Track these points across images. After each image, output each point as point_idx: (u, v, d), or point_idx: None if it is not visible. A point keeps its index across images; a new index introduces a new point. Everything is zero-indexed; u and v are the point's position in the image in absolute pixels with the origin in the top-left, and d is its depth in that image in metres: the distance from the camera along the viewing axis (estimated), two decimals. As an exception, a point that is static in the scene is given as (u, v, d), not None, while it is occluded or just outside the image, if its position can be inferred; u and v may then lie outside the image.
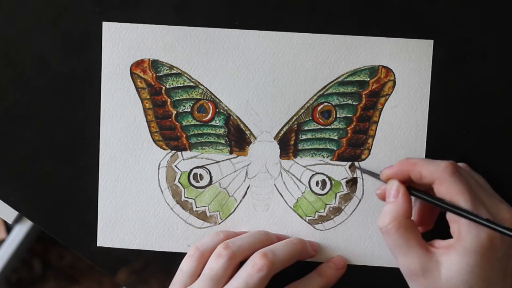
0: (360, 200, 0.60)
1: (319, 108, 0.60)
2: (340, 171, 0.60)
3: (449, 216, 0.51)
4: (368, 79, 0.59)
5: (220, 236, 0.58)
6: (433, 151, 0.59)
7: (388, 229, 0.52)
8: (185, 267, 0.57)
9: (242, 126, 0.60)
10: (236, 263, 0.56)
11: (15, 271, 1.24)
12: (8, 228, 1.10)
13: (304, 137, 0.60)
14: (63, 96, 0.60)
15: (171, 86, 0.60)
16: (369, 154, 0.60)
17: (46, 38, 0.60)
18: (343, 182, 0.60)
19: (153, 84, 0.60)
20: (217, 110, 0.60)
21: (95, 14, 0.59)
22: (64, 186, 0.61)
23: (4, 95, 0.61)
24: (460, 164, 0.57)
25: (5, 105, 0.61)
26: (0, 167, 0.61)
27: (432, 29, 0.58)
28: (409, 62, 0.58)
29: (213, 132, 0.60)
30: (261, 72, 0.59)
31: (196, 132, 0.60)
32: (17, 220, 0.66)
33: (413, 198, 0.54)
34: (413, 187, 0.54)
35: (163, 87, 0.60)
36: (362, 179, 0.60)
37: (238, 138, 0.60)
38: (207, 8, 0.59)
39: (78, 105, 0.60)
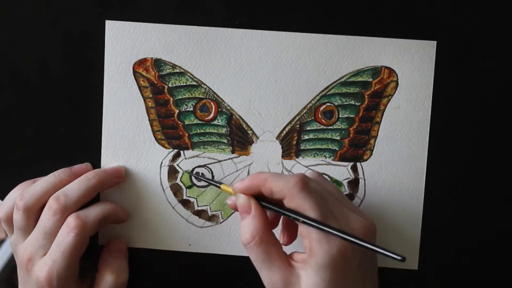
0: (361, 201, 0.60)
1: (321, 108, 0.60)
2: (342, 171, 0.60)
3: (301, 231, 0.51)
4: (371, 79, 0.59)
5: (19, 191, 0.59)
6: (436, 152, 0.59)
7: (251, 245, 0.51)
8: None
9: (244, 125, 0.60)
10: (35, 211, 0.57)
11: (15, 271, 1.24)
12: (8, 228, 1.10)
13: (306, 137, 0.60)
14: (64, 95, 0.60)
15: (174, 85, 0.60)
16: (371, 154, 0.60)
17: (47, 38, 0.60)
18: (345, 182, 0.60)
19: (156, 83, 0.60)
20: (219, 109, 0.60)
21: (96, 14, 0.59)
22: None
23: (4, 95, 0.61)
24: (311, 174, 0.56)
25: (6, 105, 0.61)
26: (0, 167, 0.61)
27: (435, 30, 0.58)
28: (412, 63, 0.58)
29: (216, 131, 0.60)
30: (263, 72, 0.59)
31: (199, 131, 0.60)
32: (17, 220, 0.66)
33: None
34: (263, 199, 0.53)
35: (166, 86, 0.60)
36: (364, 180, 0.60)
37: (240, 138, 0.60)
38: (208, 8, 0.59)
39: (80, 104, 0.60)
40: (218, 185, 0.57)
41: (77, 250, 0.56)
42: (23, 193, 0.58)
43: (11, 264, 1.08)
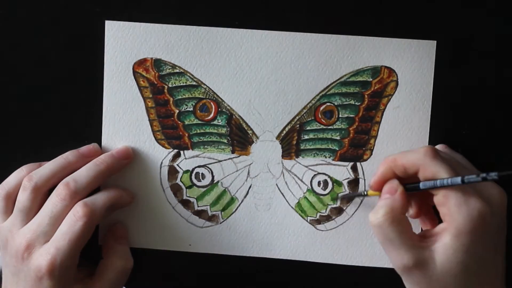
0: (362, 201, 0.60)
1: (321, 108, 0.60)
2: (342, 171, 0.60)
3: (438, 200, 0.51)
4: (371, 79, 0.59)
5: (23, 171, 0.59)
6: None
7: (380, 222, 0.51)
8: None
9: (244, 125, 0.60)
10: (42, 193, 0.57)
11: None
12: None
13: (306, 137, 0.60)
14: (64, 95, 0.60)
15: (174, 85, 0.60)
16: (371, 154, 0.60)
17: (47, 38, 0.60)
18: (345, 182, 0.60)
19: (156, 83, 0.60)
20: (219, 109, 0.60)
21: (96, 14, 0.59)
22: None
23: (4, 95, 0.61)
24: (438, 146, 0.57)
25: (6, 105, 0.61)
26: (0, 167, 0.61)
27: (435, 29, 0.58)
28: (411, 62, 0.58)
29: (215, 131, 0.60)
30: (263, 72, 0.59)
31: (198, 131, 0.60)
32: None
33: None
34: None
35: (166, 86, 0.60)
36: (364, 180, 0.60)
37: (240, 138, 0.60)
38: (208, 8, 0.59)
39: (80, 104, 0.60)
40: (364, 193, 0.58)
41: (83, 239, 0.56)
42: (32, 174, 0.57)
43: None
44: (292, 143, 0.60)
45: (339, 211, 0.61)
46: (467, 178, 0.49)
